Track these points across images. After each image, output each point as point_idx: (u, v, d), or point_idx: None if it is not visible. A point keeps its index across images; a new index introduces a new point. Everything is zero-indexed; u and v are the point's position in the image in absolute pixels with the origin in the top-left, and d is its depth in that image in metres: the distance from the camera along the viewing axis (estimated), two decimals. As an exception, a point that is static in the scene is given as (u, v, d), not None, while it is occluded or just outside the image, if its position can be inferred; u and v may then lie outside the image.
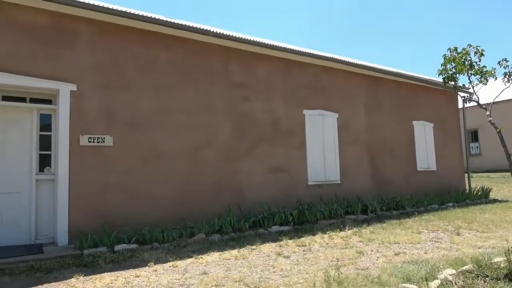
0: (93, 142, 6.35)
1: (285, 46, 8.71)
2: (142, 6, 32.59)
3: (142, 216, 6.57)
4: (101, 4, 6.48)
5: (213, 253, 5.48)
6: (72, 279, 4.35)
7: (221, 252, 5.51)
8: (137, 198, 6.66)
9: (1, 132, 6.06)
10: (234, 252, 5.53)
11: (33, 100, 6.32)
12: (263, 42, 8.28)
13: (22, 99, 6.23)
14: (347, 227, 7.17)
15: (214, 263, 5.00)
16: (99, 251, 5.39)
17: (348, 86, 10.19)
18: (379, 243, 5.93)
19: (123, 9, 6.68)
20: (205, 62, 7.77)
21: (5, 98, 6.09)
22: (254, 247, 5.82)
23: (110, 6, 6.50)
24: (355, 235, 6.62)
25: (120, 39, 6.83)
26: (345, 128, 9.94)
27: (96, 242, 5.71)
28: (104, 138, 6.45)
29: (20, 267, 4.77)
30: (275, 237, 6.49)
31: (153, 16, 6.88)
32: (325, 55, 9.39)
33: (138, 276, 4.45)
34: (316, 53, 9.24)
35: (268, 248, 5.78)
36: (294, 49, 8.83)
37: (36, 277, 4.51)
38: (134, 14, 6.65)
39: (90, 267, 4.87)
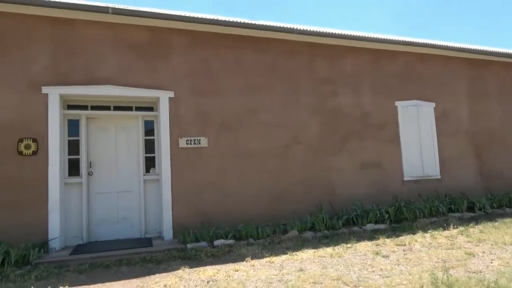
0: (191, 144, 6.81)
1: (374, 36, 8.31)
2: (202, 7, 33.53)
3: (235, 213, 6.86)
4: (192, 14, 6.91)
5: (307, 250, 5.48)
6: (179, 271, 4.73)
7: (315, 250, 5.49)
8: (230, 196, 6.96)
9: (114, 138, 6.84)
10: (329, 250, 5.46)
11: (138, 108, 7.00)
12: (349, 34, 8.01)
13: (129, 108, 6.95)
14: (451, 226, 6.60)
15: (309, 260, 5.00)
16: (200, 246, 5.77)
17: (445, 72, 9.35)
18: (492, 244, 5.33)
19: (212, 16, 7.05)
20: (291, 60, 7.80)
21: (116, 108, 6.85)
22: (349, 245, 5.67)
23: (200, 16, 6.90)
24: (462, 234, 6.05)
25: (210, 46, 7.21)
26: (444, 119, 9.13)
27: (197, 237, 6.11)
28: (200, 139, 6.87)
29: (135, 258, 5.34)
30: (371, 236, 6.25)
31: (239, 21, 7.12)
32: (419, 41, 8.72)
33: (237, 270, 4.65)
34: (409, 40, 8.62)
35: (364, 246, 5.59)
36: (385, 38, 8.39)
37: (148, 268, 5.00)
38: (222, 21, 6.96)
39: (194, 260, 5.24)
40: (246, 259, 5.12)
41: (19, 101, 5.97)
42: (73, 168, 6.50)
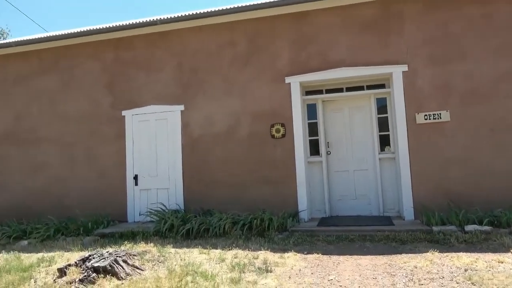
0: (429, 119, 6.27)
1: None
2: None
3: (490, 196, 5.89)
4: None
5: None
6: (428, 254, 4.47)
7: None
8: (482, 175, 6.03)
9: (348, 119, 7.08)
10: None
11: (369, 87, 6.97)
12: None
13: (361, 88, 7.00)
14: None
15: None
16: (448, 229, 5.28)
17: None
18: None
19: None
20: None
21: (348, 89, 7.03)
22: None
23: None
24: None
25: (448, 7, 6.37)
26: None
27: (443, 220, 5.62)
28: (440, 114, 6.24)
29: (377, 235, 5.40)
30: None
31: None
32: None
33: (501, 262, 4.01)
34: None
35: None
36: None
37: (392, 246, 4.96)
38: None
39: (442, 244, 4.85)
40: (511, 250, 4.35)
41: (269, 92, 6.98)
42: (314, 148, 7.13)
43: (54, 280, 4.11)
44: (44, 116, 8.00)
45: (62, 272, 4.17)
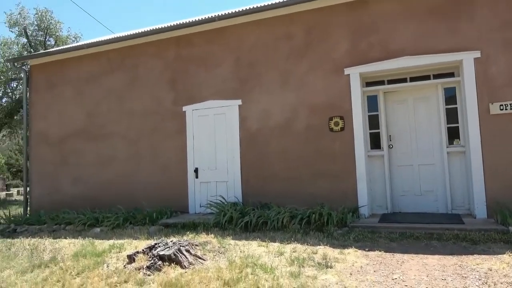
0: (506, 109, 5.74)
1: None
2: None
3: None
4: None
5: None
6: (504, 256, 4.13)
7: None
8: None
9: (412, 110, 6.71)
10: None
11: (436, 76, 6.53)
12: None
13: (426, 77, 6.58)
14: None
15: None
16: (529, 230, 4.81)
17: None
18: None
19: None
20: None
21: (412, 79, 6.65)
22: None
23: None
24: None
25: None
26: None
27: (521, 219, 5.13)
28: (518, 103, 5.68)
29: (446, 234, 5.07)
30: None
31: None
32: None
33: None
34: None
35: None
36: None
37: (463, 246, 4.64)
38: None
39: (522, 246, 4.44)
40: None
41: (327, 84, 6.82)
42: (374, 141, 6.86)
43: (124, 266, 4.39)
44: (112, 113, 8.56)
45: (131, 258, 4.45)
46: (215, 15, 7.44)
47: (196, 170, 7.69)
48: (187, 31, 7.91)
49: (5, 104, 16.02)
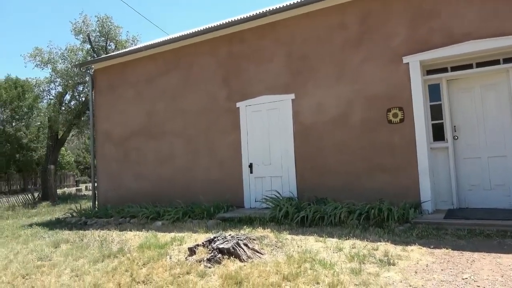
0: None
1: None
2: None
3: None
4: None
5: None
6: None
7: None
8: None
9: (479, 98, 6.23)
10: None
11: (506, 60, 6.00)
12: None
13: (495, 62, 6.07)
14: None
15: None
16: None
17: None
18: None
19: None
20: None
21: (478, 65, 6.17)
22: None
23: None
24: None
25: None
26: None
27: None
28: None
29: (522, 231, 4.67)
30: None
31: None
32: None
33: None
34: None
35: None
36: None
37: (543, 245, 4.23)
38: None
39: None
40: None
41: (384, 74, 6.54)
42: (437, 133, 6.47)
43: (185, 258, 4.56)
44: (169, 112, 8.89)
45: (191, 251, 4.60)
46: (266, 10, 7.43)
47: (250, 166, 7.76)
48: (239, 27, 7.98)
49: (73, 107, 17.30)
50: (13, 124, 23.98)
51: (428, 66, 6.48)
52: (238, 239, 4.56)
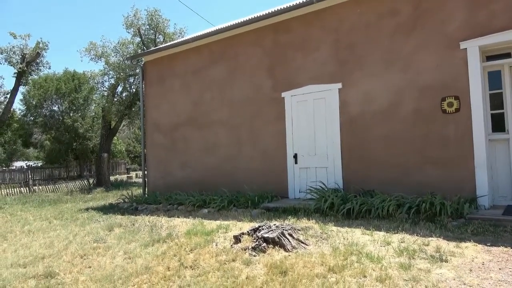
0: None
1: None
2: None
3: None
4: None
5: None
6: None
7: None
8: None
9: (547, 86, 5.73)
10: None
11: None
12: None
13: None
14: None
15: None
16: None
17: None
18: None
19: None
20: None
21: None
22: None
23: None
24: None
25: None
26: None
27: None
28: None
29: None
30: None
31: None
32: None
33: None
34: None
35: None
36: None
37: None
38: None
39: None
40: None
41: (438, 61, 6.18)
42: (497, 123, 6.03)
43: (231, 245, 4.64)
44: (215, 102, 9.03)
45: (237, 239, 4.67)
46: (313, -2, 7.27)
47: (295, 156, 7.72)
48: (284, 16, 7.89)
49: (125, 98, 18.12)
50: (71, 114, 25.61)
51: (488, 52, 6.04)
52: (283, 229, 4.56)
